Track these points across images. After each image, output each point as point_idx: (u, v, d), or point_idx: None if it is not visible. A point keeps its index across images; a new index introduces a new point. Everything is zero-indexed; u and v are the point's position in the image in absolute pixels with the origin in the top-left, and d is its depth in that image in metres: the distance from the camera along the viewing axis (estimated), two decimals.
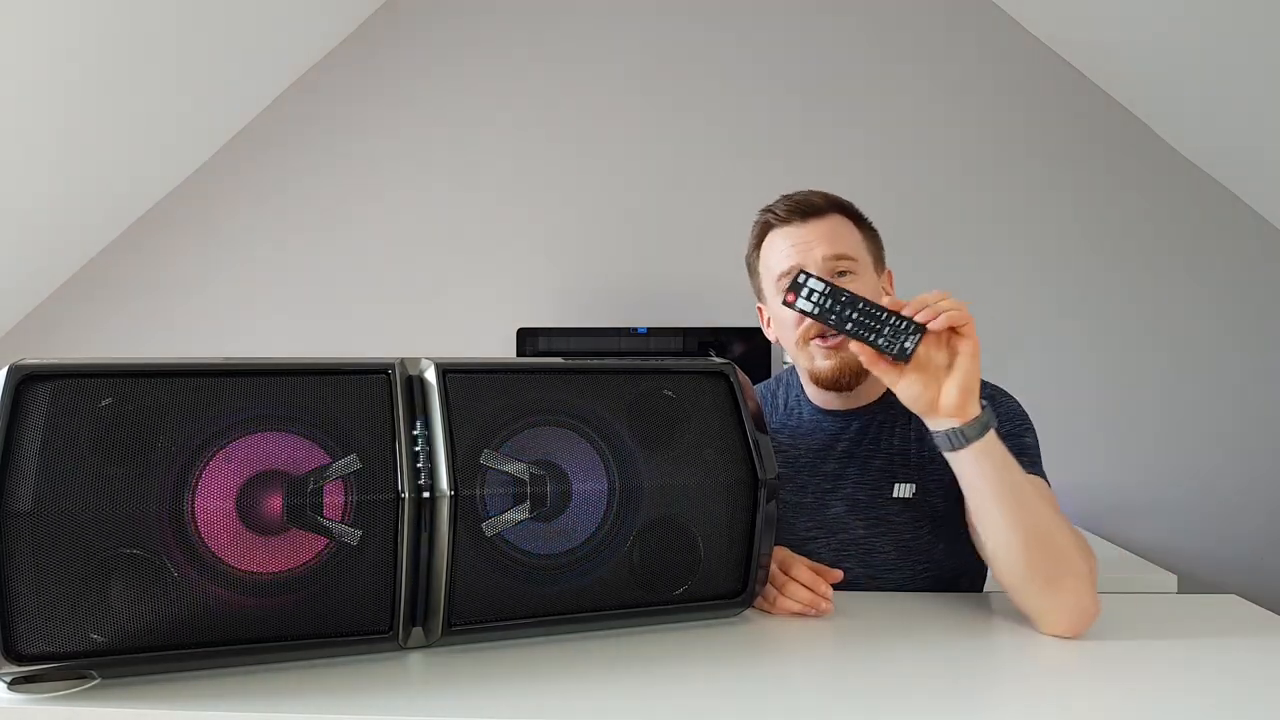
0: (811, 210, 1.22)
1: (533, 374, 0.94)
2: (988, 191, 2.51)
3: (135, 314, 2.65)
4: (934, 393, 0.98)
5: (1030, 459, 1.15)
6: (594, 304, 2.57)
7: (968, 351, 0.97)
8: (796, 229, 1.22)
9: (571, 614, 0.92)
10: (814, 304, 0.99)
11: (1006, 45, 2.52)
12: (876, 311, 0.98)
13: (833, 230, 1.22)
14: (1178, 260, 2.47)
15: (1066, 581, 0.96)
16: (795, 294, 1.00)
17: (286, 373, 0.85)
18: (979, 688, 0.84)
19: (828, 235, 1.21)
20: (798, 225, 1.22)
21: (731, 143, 2.58)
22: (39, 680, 0.76)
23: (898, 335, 0.97)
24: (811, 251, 1.19)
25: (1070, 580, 0.96)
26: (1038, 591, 0.97)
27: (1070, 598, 0.96)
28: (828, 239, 1.20)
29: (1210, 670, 0.87)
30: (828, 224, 1.22)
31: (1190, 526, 2.44)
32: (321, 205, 2.64)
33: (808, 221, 1.22)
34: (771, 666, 0.88)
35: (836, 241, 1.21)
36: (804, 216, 1.22)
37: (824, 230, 1.21)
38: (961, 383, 0.97)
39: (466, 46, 2.64)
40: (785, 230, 1.23)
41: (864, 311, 0.98)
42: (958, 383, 0.97)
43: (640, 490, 0.93)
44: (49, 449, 0.75)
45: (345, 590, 0.82)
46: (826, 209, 1.23)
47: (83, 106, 2.18)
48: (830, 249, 1.20)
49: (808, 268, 1.18)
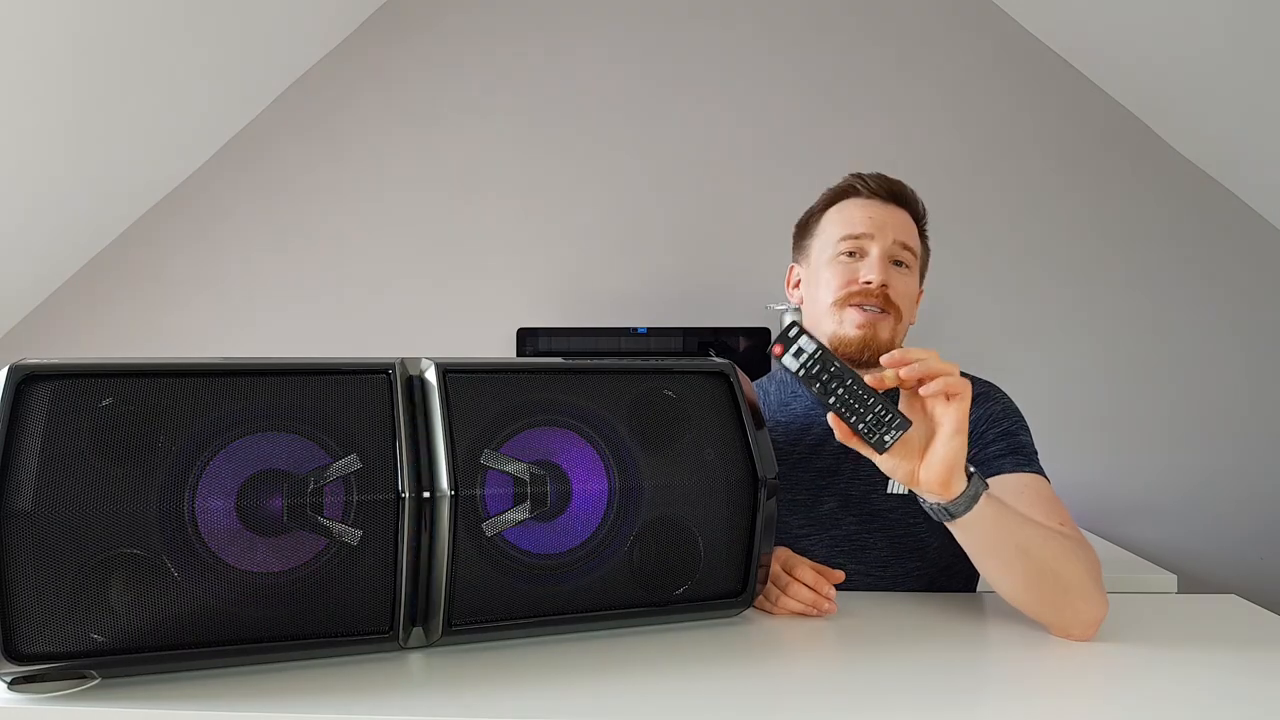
0: (898, 196, 1.25)
1: (533, 374, 0.94)
2: (988, 192, 2.51)
3: (135, 314, 2.65)
4: (913, 466, 0.92)
5: (1026, 456, 1.15)
6: (594, 304, 2.57)
7: (952, 424, 0.89)
8: (880, 205, 1.24)
9: (571, 614, 0.92)
10: (801, 364, 0.91)
11: (1006, 46, 2.52)
12: (863, 394, 0.90)
13: (907, 223, 1.25)
14: (1177, 260, 2.47)
15: (1074, 602, 0.95)
16: (784, 347, 0.91)
17: (287, 373, 0.85)
18: (979, 688, 0.84)
19: (903, 224, 1.24)
20: (881, 203, 1.24)
21: (732, 143, 2.58)
22: (39, 680, 0.76)
23: (880, 426, 0.90)
24: (885, 231, 1.22)
25: (1078, 600, 0.95)
26: (1046, 615, 0.97)
27: (1078, 613, 0.95)
28: (902, 227, 1.23)
29: (1210, 670, 0.87)
30: (905, 215, 1.25)
31: (1190, 526, 2.44)
32: (321, 205, 2.64)
33: (890, 204, 1.24)
34: (771, 666, 0.88)
35: (908, 233, 1.24)
36: (890, 197, 1.25)
37: (901, 219, 1.24)
38: (945, 459, 0.89)
39: (467, 46, 2.64)
40: (868, 202, 1.24)
41: (851, 390, 0.90)
42: (941, 460, 0.89)
43: (640, 490, 0.93)
44: (49, 449, 0.75)
45: (345, 590, 0.82)
46: (913, 204, 1.27)
47: (83, 106, 2.18)
48: (901, 235, 1.23)
49: (878, 243, 1.21)
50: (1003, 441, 1.16)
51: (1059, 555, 0.96)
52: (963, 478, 0.91)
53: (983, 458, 1.15)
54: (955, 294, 2.48)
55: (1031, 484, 1.11)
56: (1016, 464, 1.13)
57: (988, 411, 1.19)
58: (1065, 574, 0.95)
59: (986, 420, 1.18)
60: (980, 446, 1.16)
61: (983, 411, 1.19)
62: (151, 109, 2.35)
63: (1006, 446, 1.15)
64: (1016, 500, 1.07)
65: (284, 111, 2.66)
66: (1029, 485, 1.10)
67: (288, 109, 2.66)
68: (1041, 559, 0.95)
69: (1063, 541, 0.98)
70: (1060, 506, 1.08)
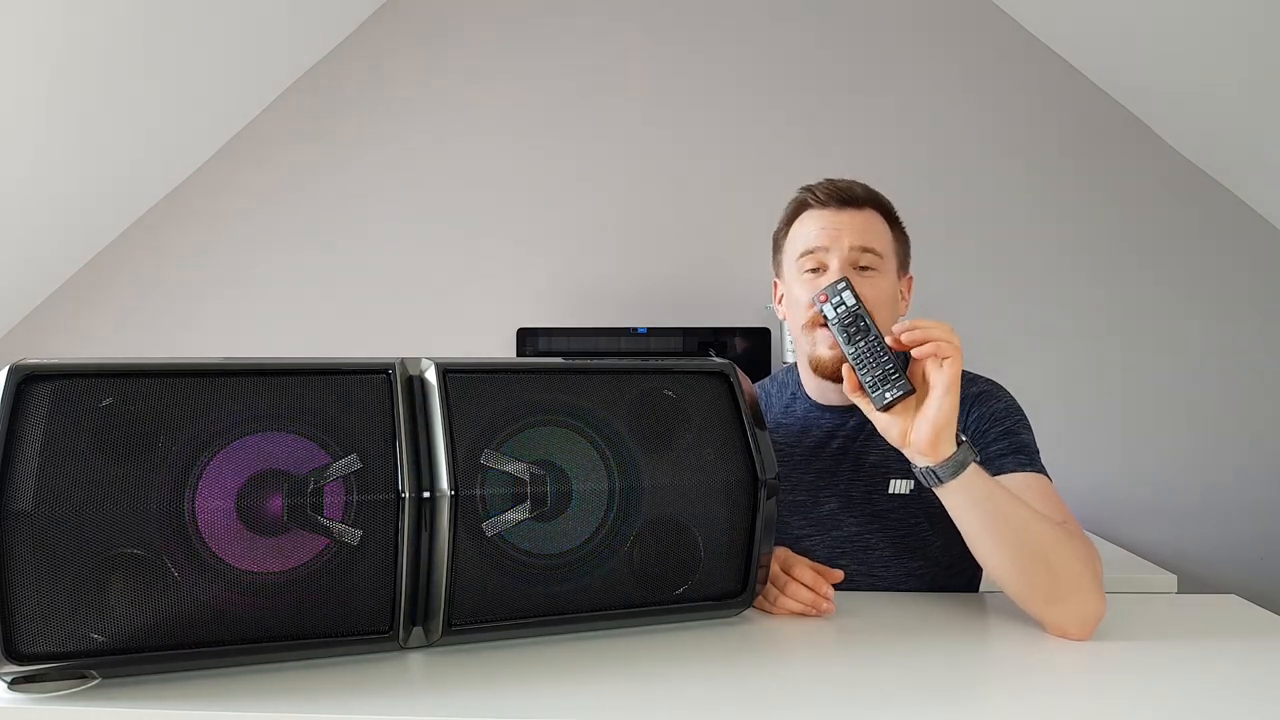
0: (850, 199, 1.23)
1: (533, 374, 0.94)
2: (988, 192, 2.51)
3: (136, 314, 2.65)
4: (905, 425, 0.97)
5: (1029, 455, 1.14)
6: (594, 304, 2.57)
7: (942, 384, 0.94)
8: (832, 214, 1.22)
9: (571, 614, 0.92)
10: (836, 313, 1.01)
11: (1006, 46, 2.52)
12: (881, 353, 0.98)
13: (866, 223, 1.22)
14: (1176, 261, 2.47)
15: (1068, 595, 0.95)
16: (828, 296, 1.01)
17: (287, 373, 0.85)
18: (979, 688, 0.84)
19: (860, 227, 1.21)
20: (834, 211, 1.22)
21: (732, 143, 2.58)
22: (39, 680, 0.76)
23: (885, 382, 0.97)
24: (840, 239, 1.20)
25: (1072, 594, 0.95)
26: (1039, 606, 0.97)
27: (1073, 609, 0.95)
28: (859, 230, 1.21)
29: (1210, 670, 0.87)
30: (863, 216, 1.22)
31: (1190, 526, 2.44)
32: (321, 205, 2.64)
33: (844, 210, 1.22)
34: (771, 666, 0.88)
35: (867, 235, 1.21)
36: (841, 203, 1.22)
37: (858, 222, 1.21)
38: (933, 419, 0.94)
39: (467, 46, 2.64)
40: (820, 213, 1.23)
41: (871, 346, 0.98)
42: (930, 420, 0.95)
43: (640, 490, 0.93)
44: (50, 449, 0.75)
45: (345, 590, 0.82)
46: (865, 201, 1.23)
47: (83, 106, 2.18)
48: (858, 240, 1.20)
49: (834, 254, 1.19)
50: (1004, 441, 1.16)
51: (1054, 543, 0.96)
52: (951, 443, 0.96)
53: (985, 457, 1.15)
54: (955, 296, 2.48)
55: (1034, 484, 1.11)
56: (1019, 463, 1.13)
57: (990, 410, 1.19)
58: (1058, 563, 0.96)
59: (989, 419, 1.18)
60: (982, 446, 1.16)
61: (984, 410, 1.19)
62: (151, 109, 2.35)
63: (1008, 446, 1.15)
64: None
65: (284, 112, 2.66)
66: (1031, 485, 1.10)
67: (288, 109, 2.66)
68: (1035, 544, 0.96)
69: (1058, 531, 0.98)
70: (1063, 506, 1.09)
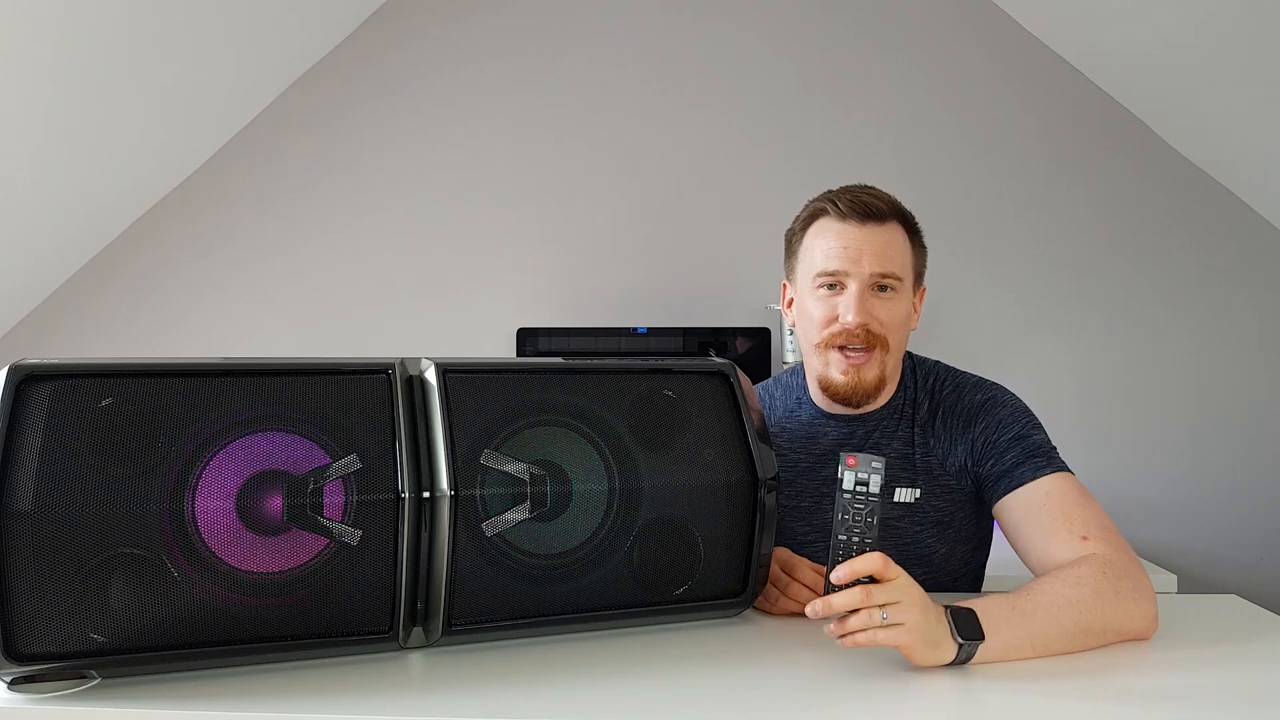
0: (873, 214, 1.16)
1: (533, 374, 0.94)
2: (989, 192, 2.51)
3: (135, 314, 2.65)
4: None
5: (1045, 456, 1.12)
6: (594, 304, 2.57)
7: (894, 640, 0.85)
8: (854, 230, 1.15)
9: (571, 614, 0.92)
10: (852, 489, 0.91)
11: (1007, 46, 2.52)
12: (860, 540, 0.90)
13: (887, 242, 1.16)
14: (1175, 261, 2.47)
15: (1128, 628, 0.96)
16: (857, 461, 0.91)
17: (287, 373, 0.85)
18: (979, 688, 0.84)
19: (880, 249, 1.15)
20: (855, 226, 1.16)
21: (733, 143, 2.58)
22: (39, 680, 0.76)
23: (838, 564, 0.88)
24: (860, 263, 1.14)
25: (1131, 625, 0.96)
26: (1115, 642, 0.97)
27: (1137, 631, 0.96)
28: (879, 254, 1.15)
29: (1210, 670, 0.87)
30: (885, 233, 1.16)
31: (1190, 527, 2.44)
32: (321, 205, 2.64)
33: (866, 225, 1.15)
34: (771, 666, 0.88)
35: (886, 258, 1.15)
36: (863, 218, 1.16)
37: (879, 241, 1.15)
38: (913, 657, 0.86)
39: (467, 46, 2.64)
40: (841, 227, 1.16)
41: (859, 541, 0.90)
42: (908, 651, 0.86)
43: (640, 490, 0.93)
44: (49, 449, 0.75)
45: (345, 590, 0.82)
46: (888, 215, 1.17)
47: (83, 106, 2.18)
48: (878, 266, 1.14)
49: (854, 278, 1.14)
50: (1017, 447, 1.13)
51: (1098, 612, 0.94)
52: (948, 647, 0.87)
53: (999, 469, 1.13)
54: (954, 296, 2.48)
55: (1054, 489, 1.08)
56: (1036, 468, 1.10)
57: (997, 418, 1.16)
58: (1110, 621, 0.94)
59: (996, 427, 1.16)
60: (995, 457, 1.13)
61: (991, 419, 1.16)
62: (152, 109, 2.35)
63: (1022, 451, 1.12)
64: (1039, 515, 1.06)
65: (284, 112, 2.66)
66: (1050, 492, 1.08)
67: (288, 109, 2.66)
68: (1084, 626, 0.93)
69: (1096, 586, 0.94)
70: (1085, 505, 1.06)
